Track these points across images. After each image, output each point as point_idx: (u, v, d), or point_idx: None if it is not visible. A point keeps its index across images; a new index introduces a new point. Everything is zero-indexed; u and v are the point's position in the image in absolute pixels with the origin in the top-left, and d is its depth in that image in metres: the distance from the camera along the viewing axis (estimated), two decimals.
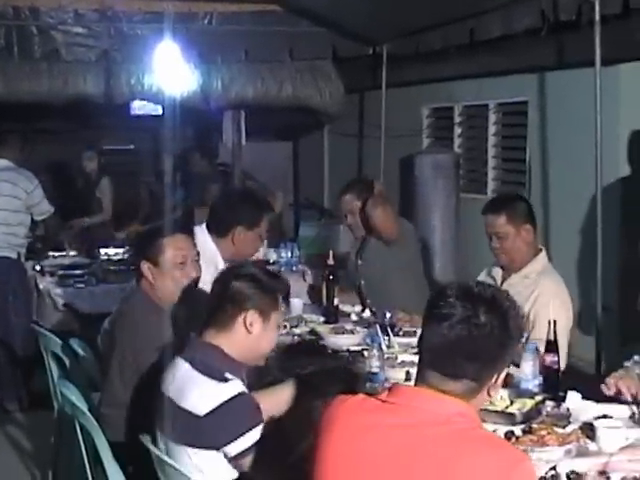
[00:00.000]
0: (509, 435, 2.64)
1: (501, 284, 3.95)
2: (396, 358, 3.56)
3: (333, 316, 4.36)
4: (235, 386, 2.53)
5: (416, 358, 2.10)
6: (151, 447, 2.58)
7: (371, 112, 9.12)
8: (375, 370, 3.26)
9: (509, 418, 2.82)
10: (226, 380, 2.54)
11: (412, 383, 2.01)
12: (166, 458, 2.54)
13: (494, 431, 2.69)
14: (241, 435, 2.48)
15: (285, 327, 4.08)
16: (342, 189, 4.90)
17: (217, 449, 2.50)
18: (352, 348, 3.82)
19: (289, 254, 6.39)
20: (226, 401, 2.47)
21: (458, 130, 8.45)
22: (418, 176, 7.92)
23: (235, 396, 2.50)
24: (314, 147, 10.80)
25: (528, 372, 3.12)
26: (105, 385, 3.30)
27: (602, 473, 2.39)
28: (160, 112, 8.91)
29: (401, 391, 1.94)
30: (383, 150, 7.97)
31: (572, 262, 6.77)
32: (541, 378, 3.16)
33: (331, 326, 4.14)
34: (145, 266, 3.28)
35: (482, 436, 1.86)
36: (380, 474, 1.84)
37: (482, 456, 1.78)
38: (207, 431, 2.48)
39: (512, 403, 2.96)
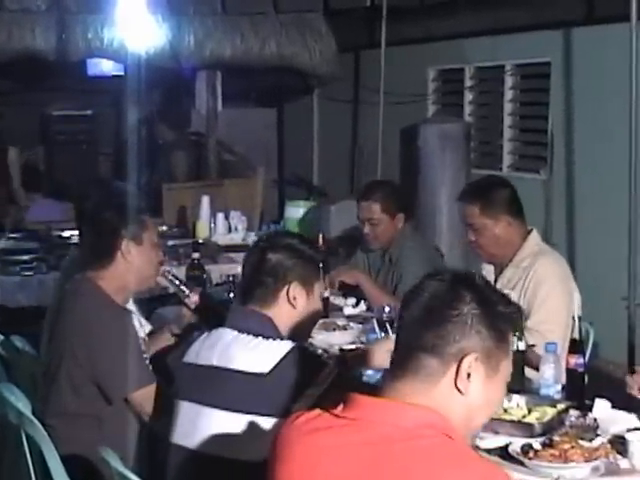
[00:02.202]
0: (526, 449, 2.63)
1: (495, 282, 4.00)
2: None
3: (323, 310, 4.32)
4: (291, 342, 2.72)
5: None
6: (113, 463, 2.59)
7: (368, 74, 9.10)
8: (371, 371, 3.24)
9: (526, 429, 2.81)
10: (281, 338, 2.74)
11: None
12: (129, 474, 2.54)
13: (509, 444, 2.69)
14: (312, 384, 2.63)
15: None
16: (361, 192, 4.88)
17: (288, 405, 2.59)
18: (345, 347, 3.81)
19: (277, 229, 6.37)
20: (289, 352, 2.65)
21: (469, 96, 8.43)
22: (422, 148, 7.88)
23: (296, 347, 2.69)
24: (302, 114, 10.76)
25: (548, 376, 3.12)
26: (51, 394, 3.28)
27: None
28: (122, 72, 8.86)
29: (358, 404, 1.92)
30: (382, 118, 7.95)
31: (600, 250, 6.78)
32: (564, 383, 3.16)
33: (320, 322, 4.10)
34: (126, 245, 3.28)
35: (451, 451, 1.84)
36: None
37: (446, 474, 1.77)
38: (275, 387, 2.62)
39: (530, 412, 2.95)
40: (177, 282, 3.69)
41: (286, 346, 2.71)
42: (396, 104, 8.33)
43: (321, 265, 3.04)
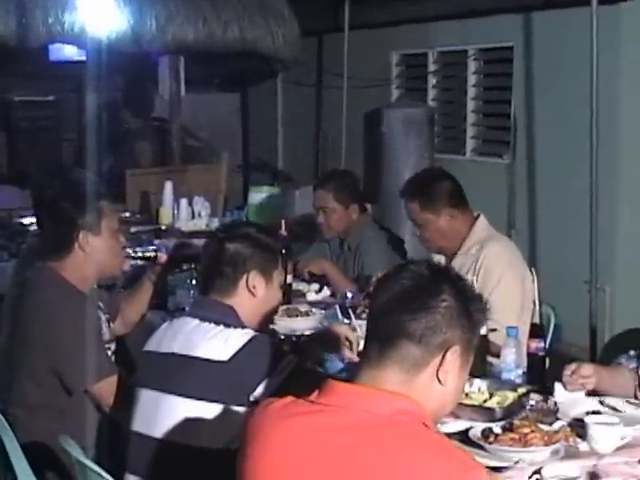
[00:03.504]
0: (487, 433, 2.63)
1: None
2: (358, 345, 3.54)
3: (286, 296, 4.31)
4: (252, 331, 2.75)
5: None
6: (73, 453, 2.57)
7: (331, 58, 9.07)
8: (333, 358, 3.25)
9: (487, 414, 2.82)
10: (243, 327, 2.76)
11: None
12: (90, 464, 2.52)
13: (470, 428, 2.70)
14: (272, 373, 2.65)
15: None
16: (317, 181, 4.90)
17: (248, 393, 2.63)
18: (307, 333, 3.79)
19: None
20: (250, 340, 2.67)
21: (433, 80, 8.44)
22: (386, 133, 7.88)
23: (257, 336, 2.71)
24: (266, 99, 10.73)
25: (510, 360, 3.13)
26: (13, 383, 3.26)
27: (593, 477, 2.40)
28: (84, 57, 8.76)
29: (333, 390, 1.93)
30: (345, 103, 7.93)
31: (562, 234, 6.82)
32: (525, 367, 3.18)
33: (283, 307, 4.10)
34: (83, 236, 3.24)
35: (429, 439, 1.85)
36: None
37: (427, 461, 1.78)
38: (235, 374, 2.63)
39: (491, 396, 2.96)
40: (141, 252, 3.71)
41: (247, 335, 2.72)
42: (360, 88, 8.32)
43: (282, 252, 3.06)
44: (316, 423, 1.88)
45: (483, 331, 3.21)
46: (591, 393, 2.99)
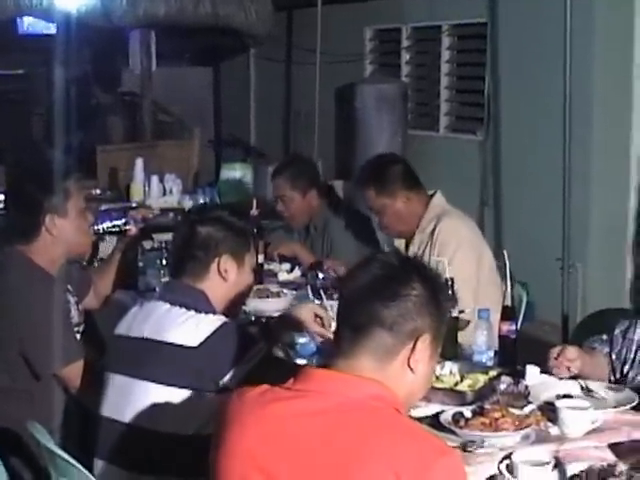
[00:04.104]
0: (457, 417, 2.63)
1: (406, 251, 4.08)
2: (330, 326, 3.53)
3: (257, 276, 4.29)
4: (222, 317, 2.74)
5: None
6: (41, 439, 2.55)
7: (302, 34, 9.01)
8: (303, 340, 3.24)
9: (458, 397, 2.82)
10: (214, 312, 2.76)
11: None
12: (58, 451, 2.51)
13: (441, 412, 2.70)
14: (241, 360, 2.65)
15: None
16: (275, 168, 4.89)
17: (217, 380, 2.63)
18: (276, 314, 3.76)
19: (207, 201, 6.31)
20: (220, 326, 2.67)
21: (406, 56, 8.41)
22: (359, 109, 7.88)
23: (227, 322, 2.71)
24: (238, 74, 10.66)
25: (481, 342, 3.14)
26: None
27: (563, 461, 2.41)
28: (54, 31, 8.67)
29: (310, 376, 1.95)
30: (318, 79, 7.89)
31: (535, 211, 6.83)
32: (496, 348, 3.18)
33: (254, 288, 4.07)
34: (50, 219, 3.21)
35: (403, 423, 1.89)
36: (295, 466, 1.86)
37: (401, 445, 1.81)
38: (204, 361, 2.63)
39: (462, 379, 2.96)
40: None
41: (217, 321, 2.71)
42: (332, 64, 8.27)
43: (254, 235, 3.05)
44: (292, 409, 1.90)
45: (454, 313, 3.22)
46: (570, 377, 2.99)
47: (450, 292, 3.14)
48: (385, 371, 1.94)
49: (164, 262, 4.19)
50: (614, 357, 3.13)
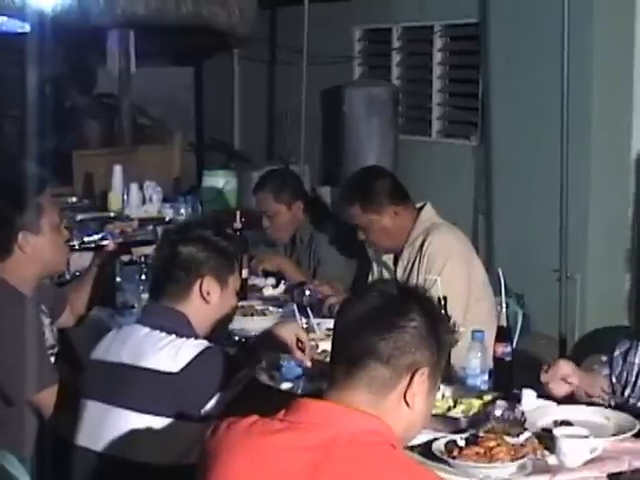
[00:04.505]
0: (450, 447, 2.62)
1: (395, 269, 4.10)
2: (317, 347, 3.53)
3: (241, 292, 4.28)
4: (204, 342, 2.75)
5: None
6: (11, 469, 2.55)
7: (287, 33, 9.00)
8: (288, 363, 3.24)
9: (452, 424, 2.81)
10: (196, 336, 2.76)
11: None
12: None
13: (433, 440, 2.69)
14: (224, 387, 2.64)
15: None
16: (256, 183, 4.88)
17: (198, 407, 2.63)
18: None
19: (189, 210, 6.29)
20: (202, 351, 2.66)
21: (397, 57, 8.41)
22: (347, 113, 7.87)
23: (210, 347, 2.70)
24: (221, 74, 10.65)
25: (475, 365, 3.13)
26: None
27: None
28: (28, 30, 8.63)
29: (302, 407, 1.94)
30: (305, 81, 7.88)
31: (531, 220, 6.83)
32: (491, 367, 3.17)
33: (239, 305, 4.06)
34: (23, 237, 3.18)
35: (398, 460, 1.88)
36: None
37: None
38: (185, 388, 2.62)
39: (456, 404, 2.96)
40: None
41: (199, 346, 2.70)
42: (319, 65, 8.26)
43: (239, 250, 3.03)
44: (284, 441, 1.89)
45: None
46: (565, 401, 2.99)
47: (443, 312, 3.13)
48: (381, 405, 1.93)
49: (143, 277, 4.18)
50: (614, 380, 3.13)
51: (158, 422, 2.62)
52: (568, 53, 5.28)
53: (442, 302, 3.20)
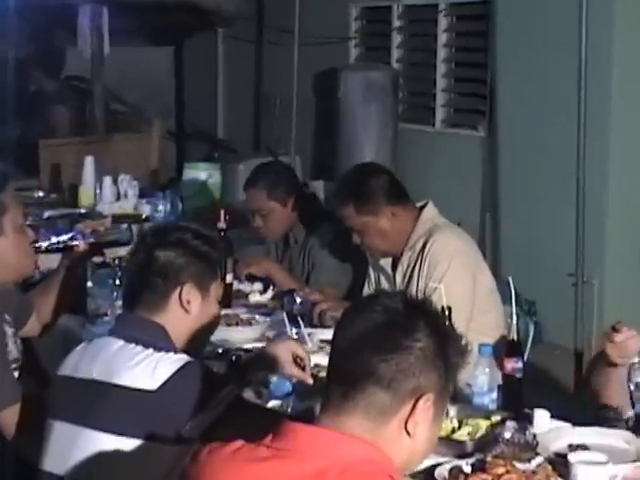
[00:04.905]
0: (455, 473, 2.62)
1: (393, 274, 4.11)
2: (309, 360, 3.52)
3: (225, 298, 4.28)
4: (184, 356, 2.73)
5: None
6: None
7: (279, 11, 9.00)
8: (277, 379, 3.23)
9: (457, 447, 2.82)
10: (175, 350, 2.76)
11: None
12: None
13: (436, 465, 2.69)
14: (207, 406, 2.63)
15: None
16: (247, 179, 4.86)
17: (178, 428, 2.61)
18: (248, 346, 3.77)
19: (168, 207, 6.29)
20: (182, 367, 2.66)
21: (397, 38, 8.40)
22: (342, 99, 7.87)
23: (191, 362, 2.70)
24: (204, 56, 10.64)
25: (482, 383, 3.13)
26: None
27: None
28: None
29: (292, 433, 1.93)
30: (296, 63, 7.89)
31: (544, 218, 6.83)
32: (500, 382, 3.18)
33: (222, 313, 4.06)
34: None
35: None
36: None
37: None
38: (163, 407, 2.62)
39: (461, 425, 2.96)
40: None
41: (179, 360, 2.70)
42: (312, 46, 8.26)
43: (221, 263, 3.04)
44: (271, 471, 1.89)
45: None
46: (578, 421, 2.99)
47: (447, 322, 3.13)
48: (379, 432, 1.91)
49: (117, 282, 4.17)
50: (632, 387, 3.13)
51: (133, 444, 2.62)
52: (587, 33, 5.28)
53: (446, 313, 3.20)
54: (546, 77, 6.83)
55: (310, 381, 3.06)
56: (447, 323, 2.05)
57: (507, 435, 2.83)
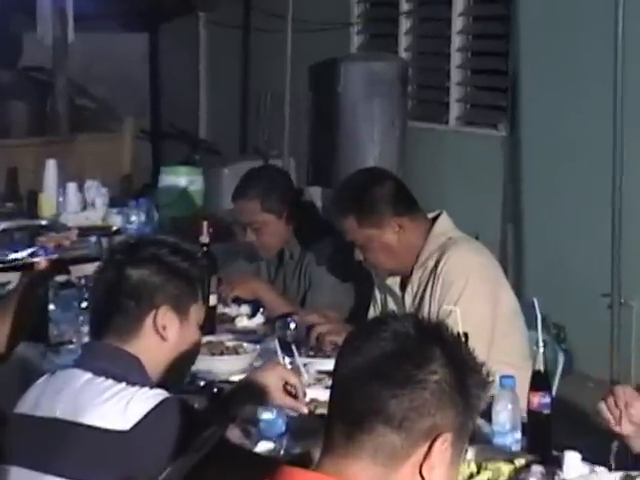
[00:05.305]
0: None
1: (402, 295, 4.11)
2: (304, 395, 3.53)
3: (208, 323, 4.28)
4: (161, 391, 2.73)
5: None
6: None
7: None
8: (269, 416, 3.23)
9: None
10: (151, 385, 2.75)
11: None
12: None
13: None
14: (187, 449, 2.62)
15: None
16: (236, 188, 4.85)
17: (153, 475, 2.60)
18: (234, 378, 3.73)
19: (142, 217, 6.30)
20: (158, 404, 2.65)
21: (406, 24, 8.44)
22: (343, 94, 7.89)
23: (169, 399, 2.69)
24: (184, 42, 10.69)
25: (504, 421, 3.12)
26: None
27: None
28: None
29: (289, 479, 1.92)
30: (289, 52, 7.91)
31: (575, 232, 6.84)
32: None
33: (204, 340, 4.07)
34: None
35: None
36: None
37: None
38: (137, 450, 2.62)
39: (480, 470, 2.96)
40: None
41: (156, 396, 2.70)
42: (307, 33, 8.30)
43: (203, 280, 3.03)
44: None
45: None
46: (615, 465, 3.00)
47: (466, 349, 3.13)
48: (390, 479, 1.91)
49: (84, 304, 4.18)
50: None
51: None
52: (624, 14, 5.30)
53: (463, 339, 3.21)
54: (576, 67, 6.85)
55: (304, 410, 3.08)
56: (466, 350, 2.02)
57: None
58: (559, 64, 7.02)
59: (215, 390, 3.56)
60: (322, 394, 3.52)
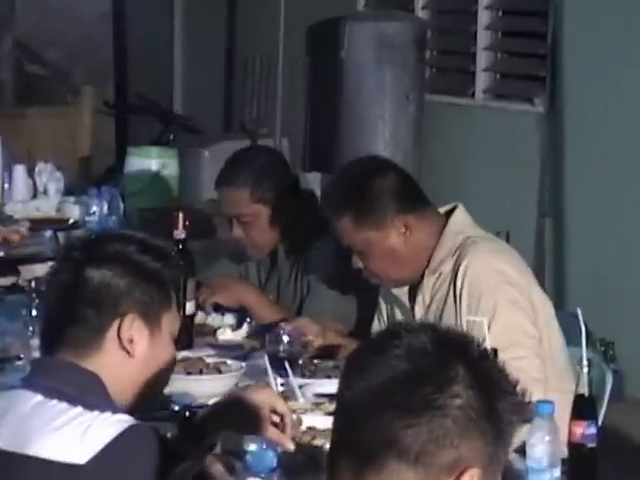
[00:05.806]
0: None
1: (412, 306, 4.10)
2: (300, 423, 3.56)
3: (184, 336, 4.30)
4: (126, 417, 2.72)
5: None
6: None
7: None
8: (256, 448, 3.25)
9: None
10: (113, 409, 2.73)
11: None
12: None
13: None
14: None
15: None
16: (220, 173, 4.85)
17: None
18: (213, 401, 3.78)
19: (105, 208, 6.32)
20: (122, 433, 2.64)
21: None
22: (347, 61, 7.90)
23: (133, 426, 2.68)
24: None
25: (541, 454, 3.13)
26: None
27: None
28: None
29: None
30: (283, 11, 7.94)
31: (624, 231, 6.87)
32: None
33: (180, 356, 4.09)
34: None
35: None
36: None
37: None
38: None
39: None
40: None
41: (119, 423, 2.69)
42: None
43: (178, 285, 3.03)
44: None
45: None
46: None
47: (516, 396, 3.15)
48: None
49: (34, 312, 4.20)
50: None
51: None
52: None
53: (492, 355, 3.22)
54: (632, 29, 6.87)
55: (290, 446, 3.06)
56: (495, 367, 2.00)
57: None
58: (609, 25, 7.04)
59: (187, 414, 3.57)
60: (321, 421, 3.55)
